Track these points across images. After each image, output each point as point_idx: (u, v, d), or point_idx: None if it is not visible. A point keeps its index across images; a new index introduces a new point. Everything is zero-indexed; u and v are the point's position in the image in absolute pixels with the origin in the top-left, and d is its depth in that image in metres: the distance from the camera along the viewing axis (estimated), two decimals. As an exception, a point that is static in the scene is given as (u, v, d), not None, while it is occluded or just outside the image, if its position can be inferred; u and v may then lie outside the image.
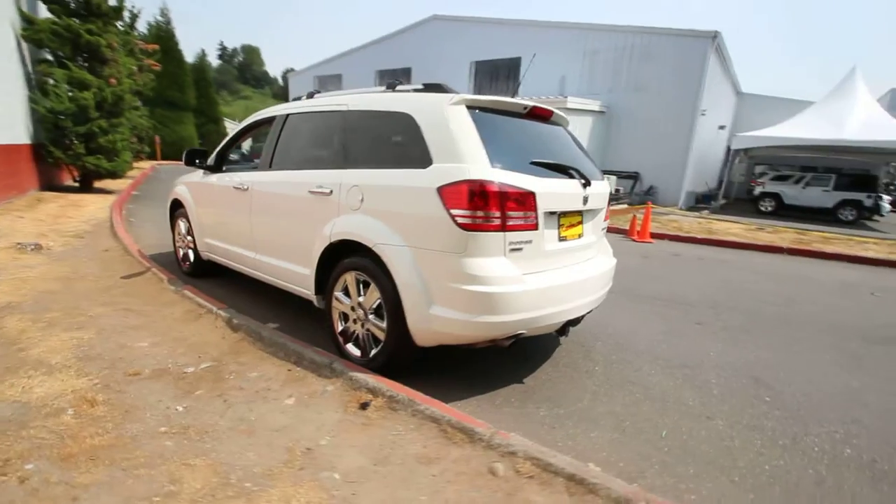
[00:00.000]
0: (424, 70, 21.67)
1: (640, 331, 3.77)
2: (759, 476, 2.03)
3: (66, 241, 5.34)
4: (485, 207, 2.21)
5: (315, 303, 3.05)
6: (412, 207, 2.40)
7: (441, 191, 2.26)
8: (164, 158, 17.14)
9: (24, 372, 2.41)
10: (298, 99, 3.56)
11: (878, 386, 3.02)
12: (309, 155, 3.21)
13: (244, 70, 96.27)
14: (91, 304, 3.53)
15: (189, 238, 4.51)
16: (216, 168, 4.10)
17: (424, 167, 2.38)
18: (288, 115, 3.41)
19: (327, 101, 3.15)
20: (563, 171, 2.64)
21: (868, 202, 14.21)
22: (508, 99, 2.62)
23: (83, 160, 8.20)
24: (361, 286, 2.68)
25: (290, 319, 3.53)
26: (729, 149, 19.77)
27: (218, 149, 4.11)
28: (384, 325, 2.56)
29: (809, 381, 3.02)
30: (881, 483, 2.04)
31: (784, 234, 9.42)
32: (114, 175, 8.88)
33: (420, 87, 2.75)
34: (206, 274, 4.48)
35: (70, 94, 7.90)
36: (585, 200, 2.74)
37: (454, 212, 2.22)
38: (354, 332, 2.79)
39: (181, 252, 4.72)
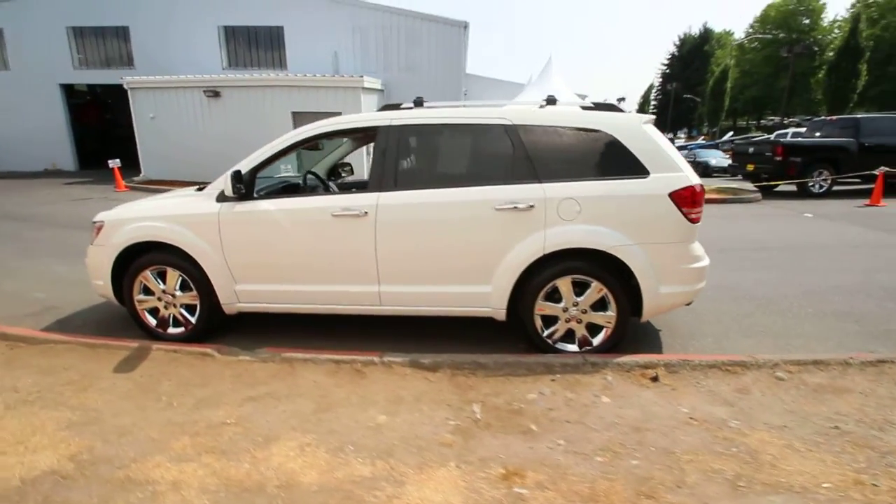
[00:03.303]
0: (148, 31, 17.39)
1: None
2: (825, 322, 3.61)
3: None
4: (700, 204, 2.95)
5: (501, 317, 3.11)
6: (642, 211, 2.89)
7: (673, 195, 2.86)
8: None
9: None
10: (394, 107, 3.22)
11: (756, 269, 5.22)
12: (467, 171, 3.11)
13: None
14: (209, 415, 2.47)
15: (179, 293, 3.34)
16: (247, 195, 3.20)
17: (643, 177, 2.89)
18: (402, 127, 3.08)
19: (467, 114, 3.10)
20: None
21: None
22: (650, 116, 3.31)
23: None
24: (574, 288, 2.99)
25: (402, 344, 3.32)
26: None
27: (249, 168, 3.19)
28: (611, 313, 3.00)
29: (743, 278, 4.96)
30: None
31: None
32: None
33: (590, 104, 3.13)
34: (210, 333, 3.45)
35: None
36: None
37: (686, 210, 2.88)
38: (565, 330, 3.08)
39: (152, 316, 3.42)
